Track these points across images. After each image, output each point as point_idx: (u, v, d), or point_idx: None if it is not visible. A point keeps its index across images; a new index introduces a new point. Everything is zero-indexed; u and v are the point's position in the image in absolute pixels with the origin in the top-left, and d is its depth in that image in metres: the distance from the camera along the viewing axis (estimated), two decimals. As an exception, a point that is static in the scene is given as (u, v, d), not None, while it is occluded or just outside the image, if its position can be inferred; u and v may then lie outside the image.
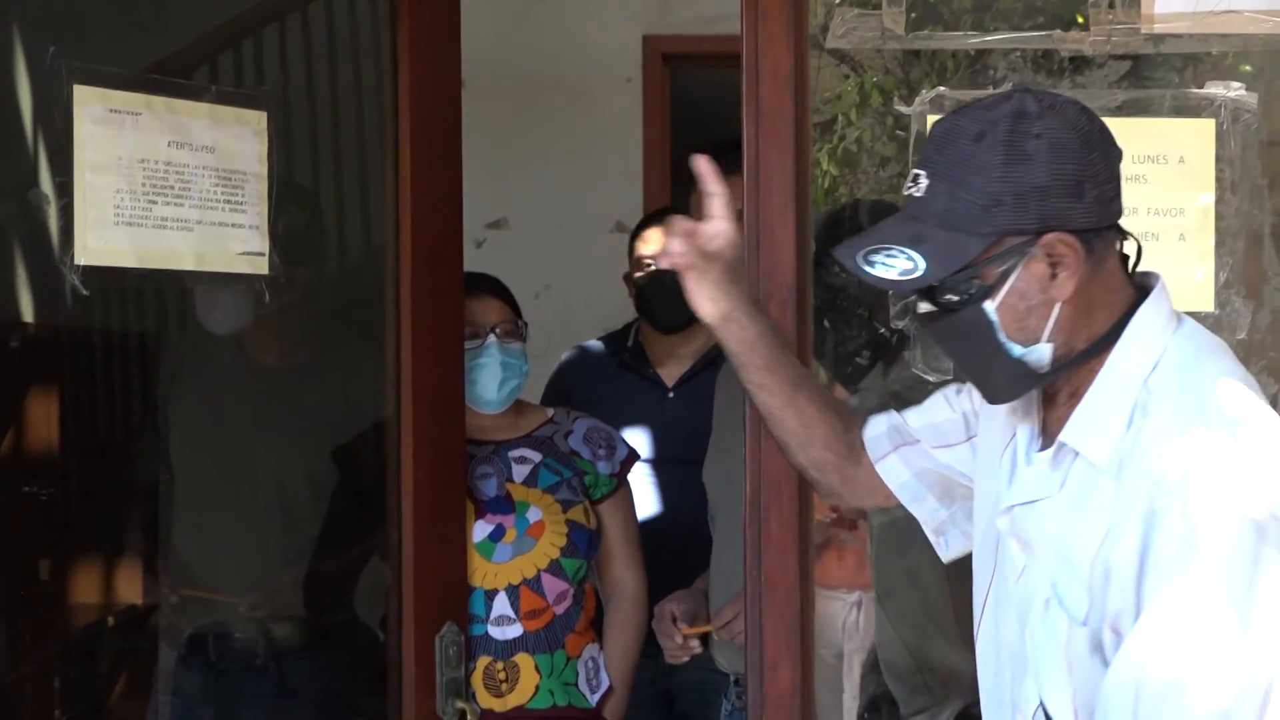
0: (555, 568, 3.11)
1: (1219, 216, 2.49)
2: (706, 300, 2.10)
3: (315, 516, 3.28)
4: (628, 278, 3.92)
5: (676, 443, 3.77)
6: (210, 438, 3.23)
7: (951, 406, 2.16)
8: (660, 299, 3.75)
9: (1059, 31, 2.50)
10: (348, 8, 3.22)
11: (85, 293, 2.51)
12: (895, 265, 1.82)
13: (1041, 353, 1.86)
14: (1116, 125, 2.47)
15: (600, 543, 3.25)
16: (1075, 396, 1.89)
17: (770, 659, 2.38)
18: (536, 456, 3.21)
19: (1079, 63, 2.52)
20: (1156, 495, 1.75)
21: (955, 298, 1.83)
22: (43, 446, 3.21)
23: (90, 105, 2.52)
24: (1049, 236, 1.80)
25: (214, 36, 3.08)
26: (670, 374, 3.86)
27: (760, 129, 2.43)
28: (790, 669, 2.38)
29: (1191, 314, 2.51)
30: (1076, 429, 1.87)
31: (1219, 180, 2.49)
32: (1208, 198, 2.48)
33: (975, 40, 2.52)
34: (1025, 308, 1.83)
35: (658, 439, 3.84)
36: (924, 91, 2.49)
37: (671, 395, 3.87)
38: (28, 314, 3.06)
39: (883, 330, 2.82)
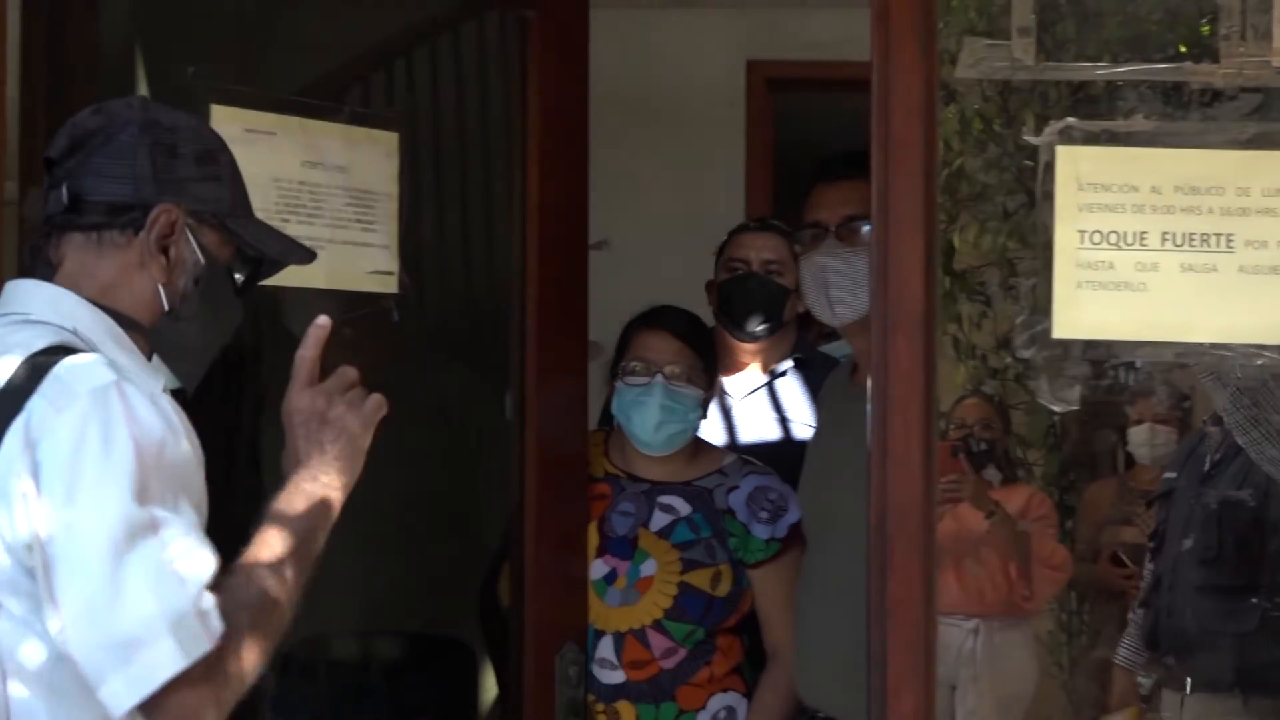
0: (659, 627, 3.00)
1: (1348, 250, 2.48)
2: None
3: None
4: (710, 285, 3.78)
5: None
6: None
7: None
8: (743, 301, 3.59)
9: (1189, 64, 2.50)
10: (478, 28, 3.25)
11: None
12: None
13: None
14: (1246, 158, 2.49)
15: (747, 605, 3.09)
16: None
17: (894, 685, 2.37)
18: (685, 509, 3.07)
19: (1209, 95, 2.51)
20: None
21: None
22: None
23: (227, 125, 2.58)
24: None
25: (347, 61, 3.13)
26: (739, 385, 3.63)
27: (890, 158, 2.43)
28: (914, 696, 2.37)
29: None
30: None
31: (1349, 214, 2.47)
32: (1338, 231, 2.47)
33: (1104, 72, 2.52)
34: None
35: None
36: (1053, 122, 2.48)
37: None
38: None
39: None
